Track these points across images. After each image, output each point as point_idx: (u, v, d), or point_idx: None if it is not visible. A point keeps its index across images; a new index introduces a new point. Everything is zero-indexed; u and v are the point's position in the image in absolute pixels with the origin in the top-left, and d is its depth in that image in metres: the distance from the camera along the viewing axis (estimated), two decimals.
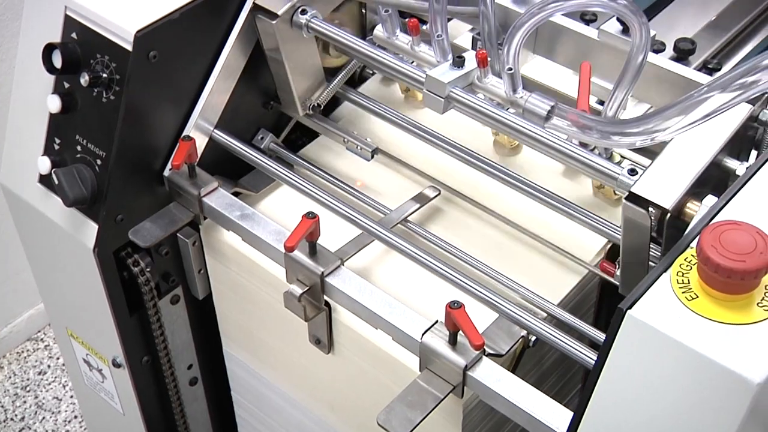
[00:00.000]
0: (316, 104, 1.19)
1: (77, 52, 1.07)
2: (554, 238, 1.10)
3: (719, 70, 1.17)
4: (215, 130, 1.17)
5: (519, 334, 0.99)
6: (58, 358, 2.12)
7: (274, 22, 1.10)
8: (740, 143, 0.94)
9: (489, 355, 0.96)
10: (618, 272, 0.97)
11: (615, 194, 1.12)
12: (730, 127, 0.91)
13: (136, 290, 1.20)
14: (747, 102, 0.90)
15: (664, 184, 0.88)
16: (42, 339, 2.18)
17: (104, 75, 1.06)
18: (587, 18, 1.18)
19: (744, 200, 0.82)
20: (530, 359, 1.05)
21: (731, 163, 0.92)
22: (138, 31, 1.03)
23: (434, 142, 1.14)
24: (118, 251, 1.17)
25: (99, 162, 1.10)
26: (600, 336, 0.97)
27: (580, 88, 1.01)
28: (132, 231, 1.13)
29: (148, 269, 1.17)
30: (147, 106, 1.09)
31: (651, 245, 0.92)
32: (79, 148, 1.12)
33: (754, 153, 0.96)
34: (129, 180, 1.12)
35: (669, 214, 0.87)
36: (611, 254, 1.08)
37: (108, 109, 1.07)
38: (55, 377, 2.09)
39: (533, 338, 0.99)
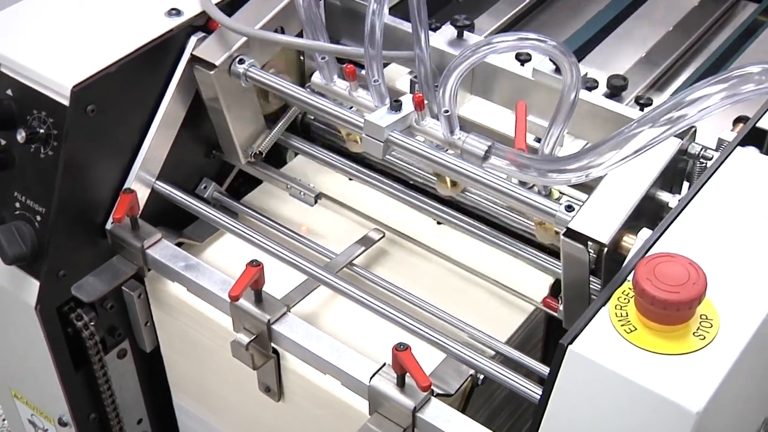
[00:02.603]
0: (257, 152, 1.20)
1: (12, 108, 1.07)
2: (500, 275, 1.12)
3: (650, 104, 1.20)
4: (157, 182, 1.16)
5: (467, 372, 1.00)
6: (3, 420, 2.06)
7: (212, 72, 1.10)
8: (672, 176, 0.96)
9: (438, 395, 0.96)
10: (561, 307, 0.99)
11: (555, 232, 1.14)
12: (661, 161, 0.94)
13: (81, 346, 1.18)
14: (676, 136, 0.93)
15: (601, 219, 0.90)
16: None
17: (41, 131, 1.05)
18: (522, 58, 1.20)
19: (677, 232, 0.84)
20: (480, 397, 1.06)
21: (664, 195, 0.94)
22: (75, 86, 1.03)
23: (376, 185, 1.15)
24: (61, 307, 1.15)
25: (39, 218, 1.09)
26: (546, 371, 0.97)
27: (517, 127, 1.03)
28: (75, 286, 1.11)
29: (92, 324, 1.16)
30: (86, 160, 1.08)
31: (592, 278, 0.93)
32: (17, 204, 1.10)
33: (686, 185, 0.99)
34: (70, 235, 1.11)
35: (606, 249, 0.89)
36: (555, 289, 1.10)
37: (46, 164, 1.07)
38: None
39: (481, 376, 1.00)
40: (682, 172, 0.97)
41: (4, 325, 1.22)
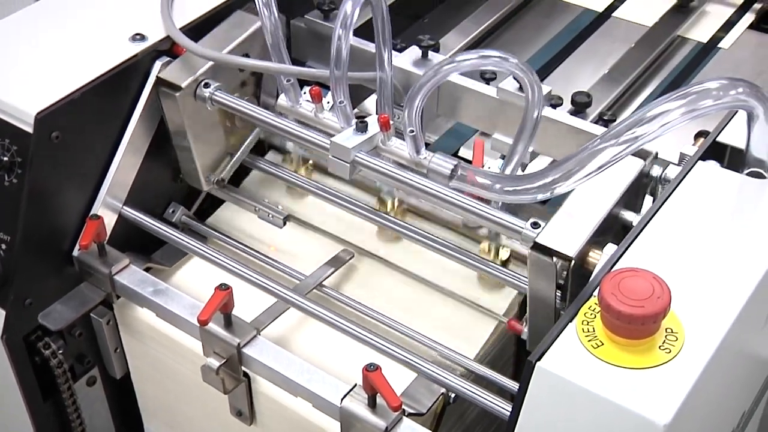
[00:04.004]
0: (220, 178, 1.19)
1: None
2: (469, 293, 1.12)
3: (614, 120, 1.22)
4: (124, 207, 1.16)
5: (439, 391, 1.00)
6: None
7: (177, 94, 1.10)
8: (637, 191, 0.97)
9: (410, 414, 0.96)
10: (525, 328, 0.99)
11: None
12: (624, 181, 0.94)
13: (49, 375, 1.17)
14: (638, 157, 0.94)
15: (567, 234, 0.90)
16: None
17: (5, 158, 1.04)
18: (487, 77, 1.22)
19: (641, 247, 0.85)
20: (452, 415, 1.06)
21: (628, 215, 0.95)
22: (38, 113, 1.02)
23: (343, 205, 1.16)
24: (28, 336, 1.13)
25: (4, 246, 1.08)
26: (516, 388, 0.98)
27: (474, 164, 1.04)
28: (42, 314, 1.10)
29: (60, 352, 1.14)
30: (52, 188, 1.08)
31: (558, 294, 0.94)
32: None
33: (650, 199, 1.00)
34: (36, 263, 1.10)
35: (573, 263, 0.89)
36: (522, 309, 1.10)
37: (11, 192, 1.06)
38: None
39: (453, 395, 1.00)
40: (645, 186, 0.99)
41: None
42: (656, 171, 0.97)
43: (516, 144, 1.03)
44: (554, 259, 0.90)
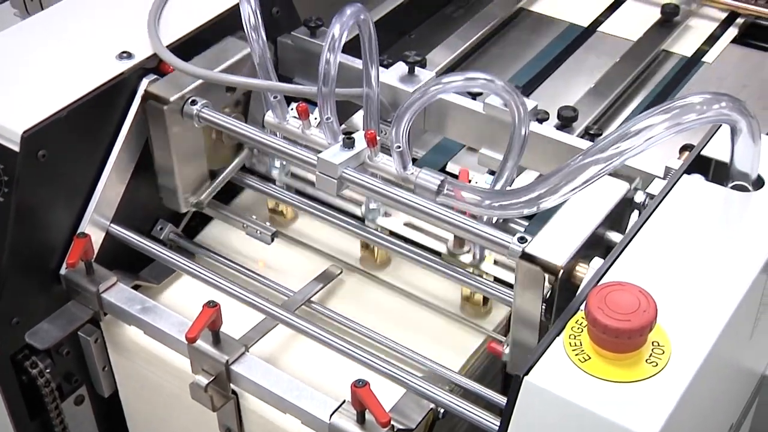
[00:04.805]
0: (198, 201, 1.19)
1: None
2: (456, 306, 1.12)
3: (600, 134, 1.22)
4: (112, 225, 1.15)
5: (428, 406, 1.00)
6: None
7: (164, 108, 1.10)
8: (621, 213, 0.98)
9: (399, 430, 0.96)
10: (507, 350, 0.99)
11: (483, 307, 1.14)
12: (614, 196, 0.95)
13: (36, 394, 1.16)
14: (623, 180, 0.95)
15: (556, 245, 0.91)
16: None
17: None
18: (474, 92, 1.22)
19: (627, 261, 0.86)
20: (441, 430, 1.05)
21: (614, 235, 0.96)
22: (25, 132, 1.02)
23: (331, 221, 1.16)
24: (15, 355, 1.13)
25: None
26: (504, 402, 0.98)
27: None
28: (29, 333, 1.10)
29: (48, 371, 1.14)
30: (39, 206, 1.08)
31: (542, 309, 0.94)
32: None
33: (636, 214, 1.00)
34: (23, 281, 1.09)
35: (561, 273, 0.89)
36: (505, 330, 1.11)
37: None
38: None
39: (442, 410, 1.00)
40: (631, 202, 0.99)
41: None
42: (640, 197, 0.97)
43: (505, 161, 1.03)
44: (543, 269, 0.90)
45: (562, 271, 0.89)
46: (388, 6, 1.48)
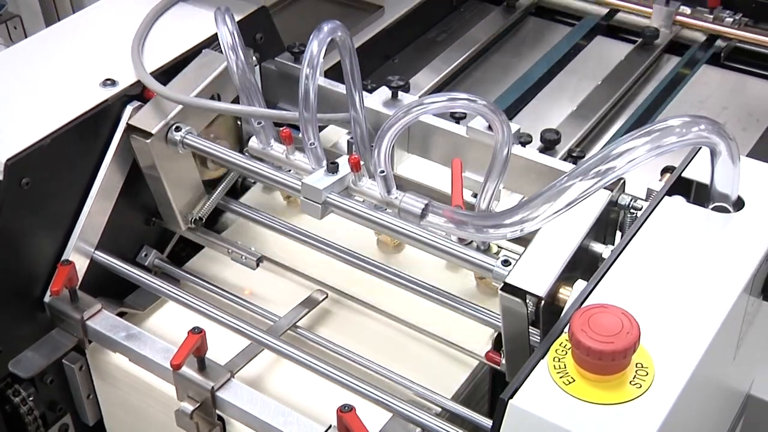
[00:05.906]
0: (198, 218, 1.20)
1: None
2: (443, 331, 1.12)
3: (583, 157, 1.23)
4: (96, 252, 1.15)
5: (414, 430, 1.00)
6: None
7: (148, 141, 1.11)
8: (604, 227, 0.99)
9: None
10: (503, 360, 0.99)
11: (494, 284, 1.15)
12: (592, 213, 0.96)
13: (19, 423, 1.15)
14: (605, 188, 0.95)
15: (537, 272, 0.91)
16: None
17: None
18: (457, 116, 1.23)
19: (610, 283, 0.86)
20: None
21: (597, 246, 0.96)
22: (8, 159, 1.02)
23: (318, 246, 1.16)
24: None
25: None
26: (490, 425, 0.98)
27: (453, 185, 1.05)
28: (12, 362, 1.09)
29: (31, 399, 1.13)
30: (22, 233, 1.07)
31: (532, 329, 0.94)
32: None
33: (618, 234, 1.01)
34: (6, 309, 1.09)
35: (543, 301, 0.90)
36: (498, 343, 1.11)
37: None
38: None
39: None
40: (615, 222, 1.00)
41: None
42: (624, 200, 0.98)
43: (486, 182, 1.04)
44: (526, 298, 0.90)
45: (543, 302, 0.89)
46: (371, 31, 1.49)
